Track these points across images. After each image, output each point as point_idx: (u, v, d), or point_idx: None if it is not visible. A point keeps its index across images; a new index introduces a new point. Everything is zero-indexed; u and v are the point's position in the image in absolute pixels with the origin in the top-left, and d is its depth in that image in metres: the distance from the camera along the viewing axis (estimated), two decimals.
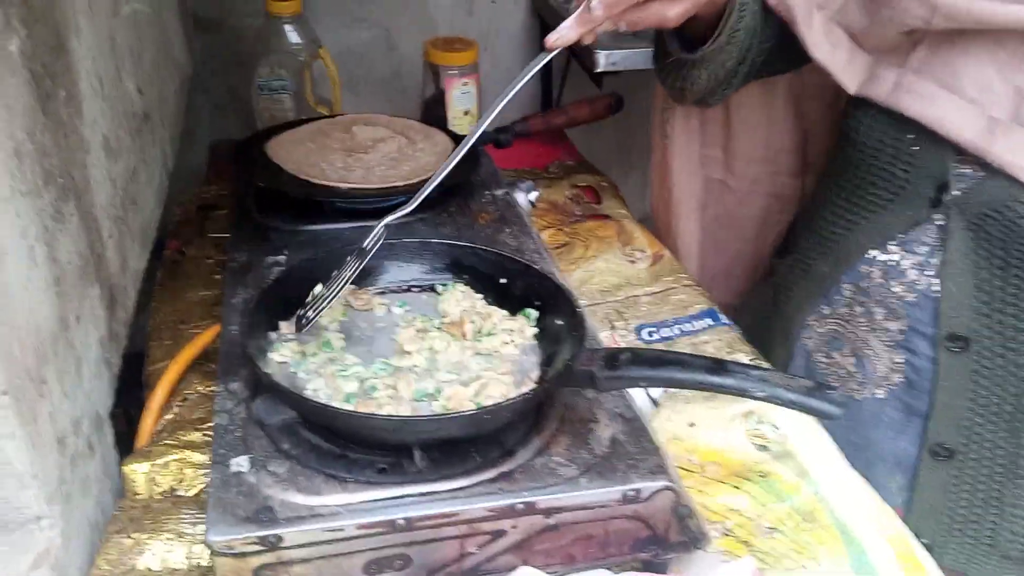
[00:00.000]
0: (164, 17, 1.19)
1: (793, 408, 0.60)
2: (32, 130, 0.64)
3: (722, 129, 1.20)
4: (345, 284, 0.76)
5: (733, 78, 0.96)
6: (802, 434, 0.87)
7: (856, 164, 0.94)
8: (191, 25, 1.48)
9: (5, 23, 0.61)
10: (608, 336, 1.02)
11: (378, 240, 0.77)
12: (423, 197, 0.82)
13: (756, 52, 0.94)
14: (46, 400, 0.64)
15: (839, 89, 0.92)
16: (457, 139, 1.17)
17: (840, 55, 0.90)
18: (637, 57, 1.34)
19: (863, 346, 0.96)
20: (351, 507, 0.62)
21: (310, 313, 0.73)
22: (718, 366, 0.62)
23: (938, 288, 0.88)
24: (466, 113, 1.39)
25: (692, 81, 0.94)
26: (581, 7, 0.76)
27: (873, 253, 0.93)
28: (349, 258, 0.77)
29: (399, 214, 0.80)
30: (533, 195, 1.15)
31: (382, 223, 0.79)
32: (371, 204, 1.01)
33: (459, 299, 0.83)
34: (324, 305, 0.74)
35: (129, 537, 0.72)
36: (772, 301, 1.08)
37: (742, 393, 0.60)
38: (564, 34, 0.76)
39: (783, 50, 0.95)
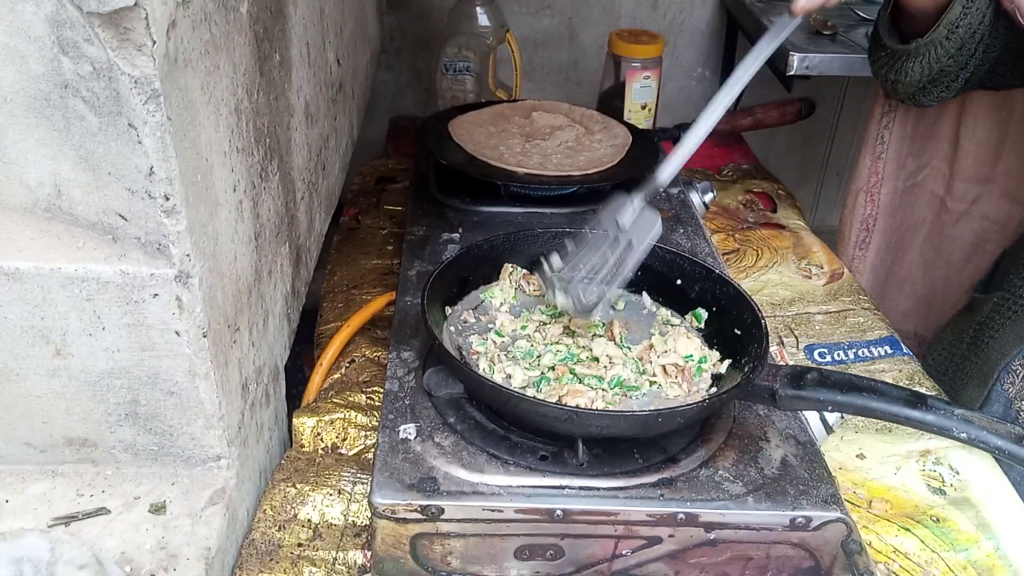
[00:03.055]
0: None
1: (1000, 456, 0.55)
2: (251, 89, 0.68)
3: (949, 143, 1.12)
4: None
5: (952, 81, 0.92)
6: (984, 483, 0.80)
7: None
8: (384, 3, 1.53)
9: None
10: (775, 351, 0.97)
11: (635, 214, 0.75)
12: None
13: (980, 60, 0.89)
14: (237, 347, 0.67)
15: None
16: (635, 131, 1.15)
17: None
18: (832, 62, 1.27)
19: None
20: (511, 490, 0.62)
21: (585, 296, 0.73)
22: (918, 400, 0.57)
23: None
24: (644, 107, 1.36)
25: (905, 73, 0.93)
26: None
27: None
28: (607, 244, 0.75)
29: (648, 189, 0.75)
30: (708, 196, 1.11)
31: (633, 197, 0.75)
32: (545, 191, 1.01)
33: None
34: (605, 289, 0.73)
35: (293, 487, 0.75)
36: (971, 340, 1.00)
37: (943, 432, 0.55)
38: None
39: (1015, 63, 0.87)
